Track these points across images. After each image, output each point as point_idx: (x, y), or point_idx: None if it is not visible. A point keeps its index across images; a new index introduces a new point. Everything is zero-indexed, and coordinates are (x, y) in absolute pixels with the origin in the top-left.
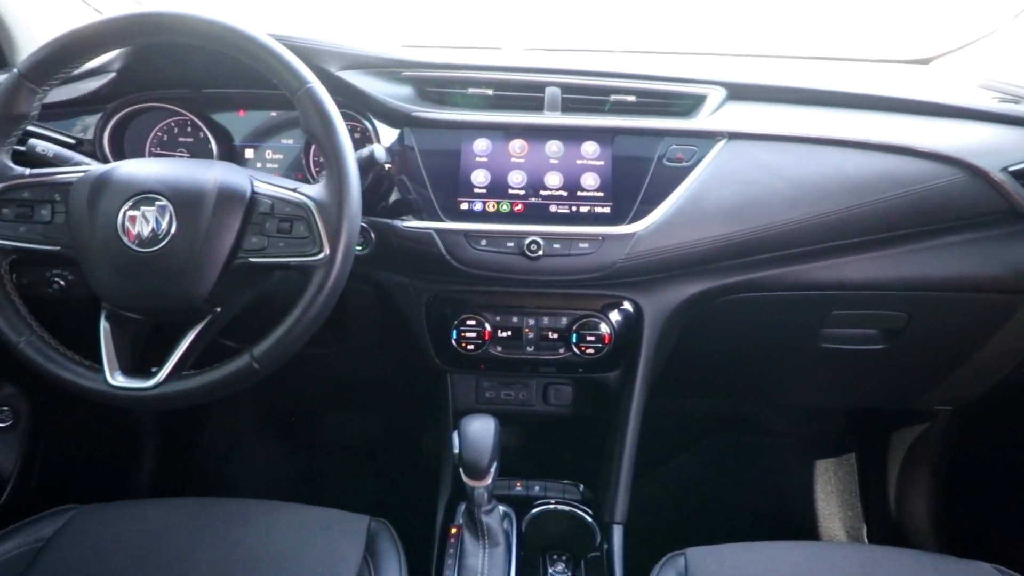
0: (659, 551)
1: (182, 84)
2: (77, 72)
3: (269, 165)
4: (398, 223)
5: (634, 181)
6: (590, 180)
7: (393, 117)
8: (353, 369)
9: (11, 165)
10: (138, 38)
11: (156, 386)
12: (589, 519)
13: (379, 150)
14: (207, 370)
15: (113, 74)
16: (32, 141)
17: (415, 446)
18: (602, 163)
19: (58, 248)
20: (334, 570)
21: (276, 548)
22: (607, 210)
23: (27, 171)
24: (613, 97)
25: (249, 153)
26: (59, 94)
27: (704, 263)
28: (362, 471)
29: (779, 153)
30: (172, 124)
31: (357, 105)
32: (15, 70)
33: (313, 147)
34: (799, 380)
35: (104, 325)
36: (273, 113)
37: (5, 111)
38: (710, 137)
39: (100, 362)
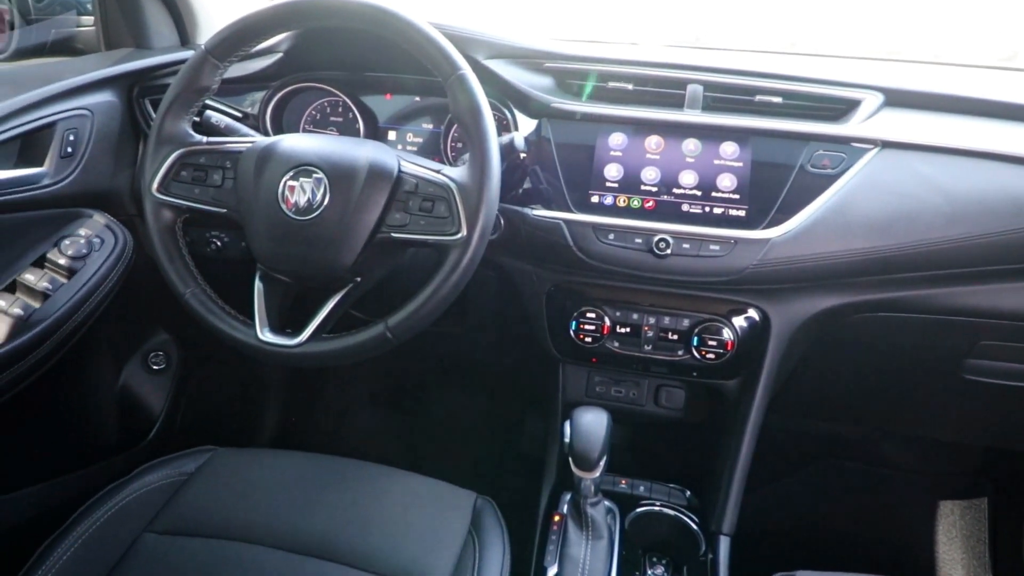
0: (763, 568)
1: (338, 67)
2: (252, 51)
3: (409, 147)
4: (528, 211)
5: (773, 185)
6: (726, 181)
7: (532, 107)
8: (467, 350)
9: (191, 132)
10: (309, 21)
11: (299, 345)
12: (694, 526)
13: (519, 138)
14: (344, 335)
15: (280, 55)
16: (208, 112)
17: (518, 430)
18: (740, 164)
19: (225, 211)
20: (441, 540)
21: (388, 511)
22: (741, 213)
23: (204, 139)
24: (758, 97)
25: (392, 135)
26: (233, 71)
27: (842, 276)
28: (464, 449)
29: (937, 165)
30: (326, 104)
31: (499, 94)
32: (202, 47)
33: (452, 132)
34: (933, 412)
35: (258, 285)
36: (417, 98)
37: (191, 83)
38: (861, 144)
39: (252, 318)
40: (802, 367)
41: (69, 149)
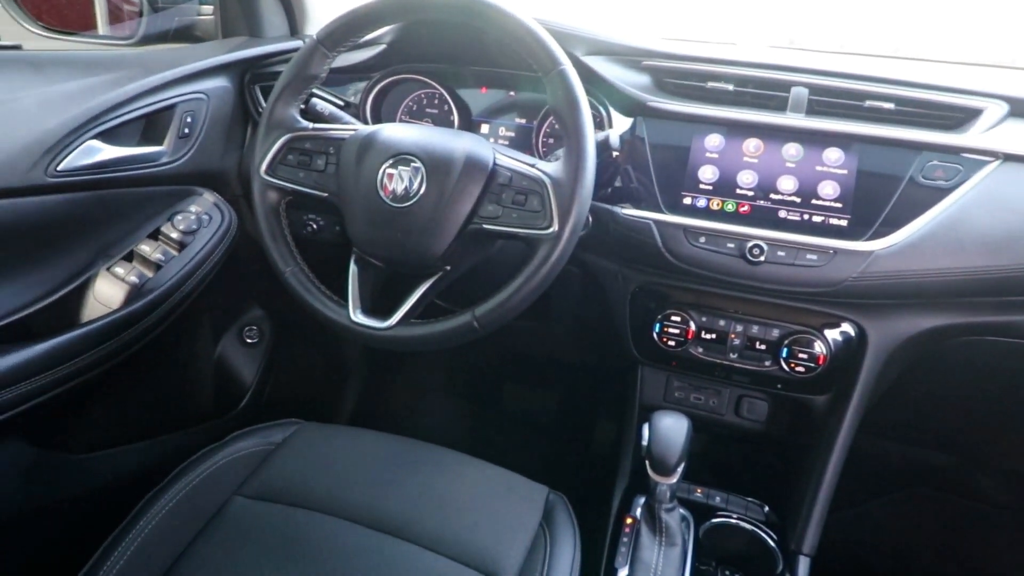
0: None
1: (437, 59)
2: (359, 42)
3: (500, 140)
4: (617, 210)
5: (880, 195)
6: (828, 189)
7: (628, 105)
8: (544, 345)
9: (299, 118)
10: (417, 14)
11: (388, 328)
12: (772, 543)
13: (613, 136)
14: (432, 321)
15: (384, 46)
16: (313, 100)
17: (589, 430)
18: (844, 172)
19: (326, 195)
20: (513, 531)
21: (463, 498)
22: (843, 223)
23: (310, 125)
24: (868, 103)
25: (484, 128)
26: (338, 62)
27: (950, 296)
28: (533, 444)
29: None
30: (423, 95)
31: (595, 90)
32: (314, 37)
33: (544, 127)
34: None
35: (352, 268)
36: (511, 93)
37: (302, 71)
38: (980, 156)
39: (344, 299)
40: (897, 387)
41: (186, 130)
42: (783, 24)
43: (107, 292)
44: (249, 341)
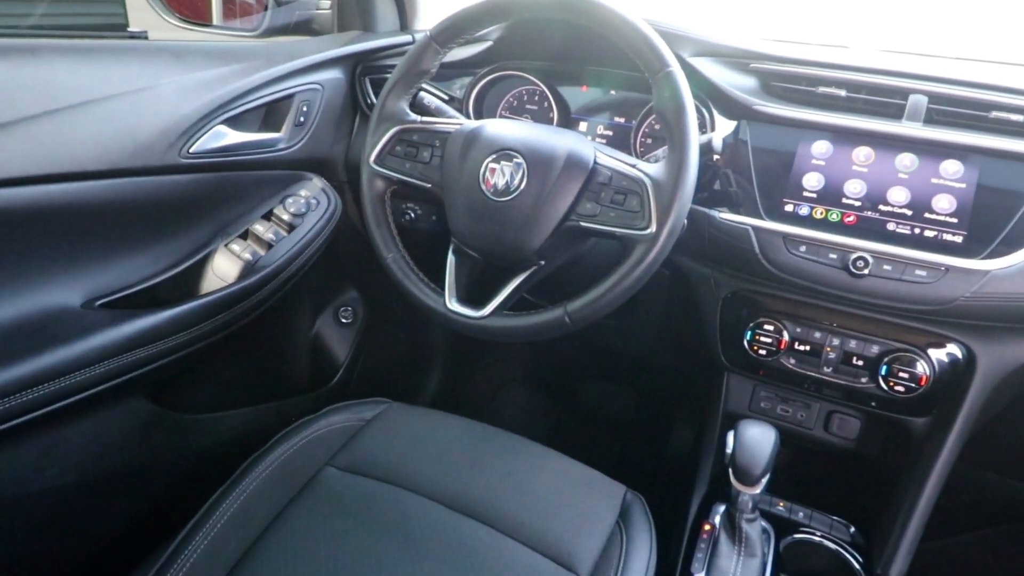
0: None
1: (540, 57)
2: (469, 39)
3: (598, 139)
4: (715, 214)
5: (1001, 212)
6: (943, 203)
7: (733, 108)
8: (627, 345)
9: (408, 111)
10: (528, 12)
11: (482, 318)
12: (857, 565)
13: (716, 139)
14: (524, 314)
15: (490, 43)
16: (421, 94)
17: (666, 433)
18: (963, 186)
19: (429, 186)
20: (590, 525)
21: (541, 488)
22: (958, 239)
23: (418, 118)
24: (994, 114)
25: (582, 126)
26: (446, 57)
27: None
28: (610, 443)
29: None
30: (523, 92)
31: (700, 92)
32: (427, 33)
33: (643, 127)
34: None
35: (451, 258)
36: (612, 92)
37: (414, 66)
38: None
39: (442, 287)
40: (1005, 415)
41: (302, 119)
42: (899, 26)
43: (224, 267)
44: (344, 321)
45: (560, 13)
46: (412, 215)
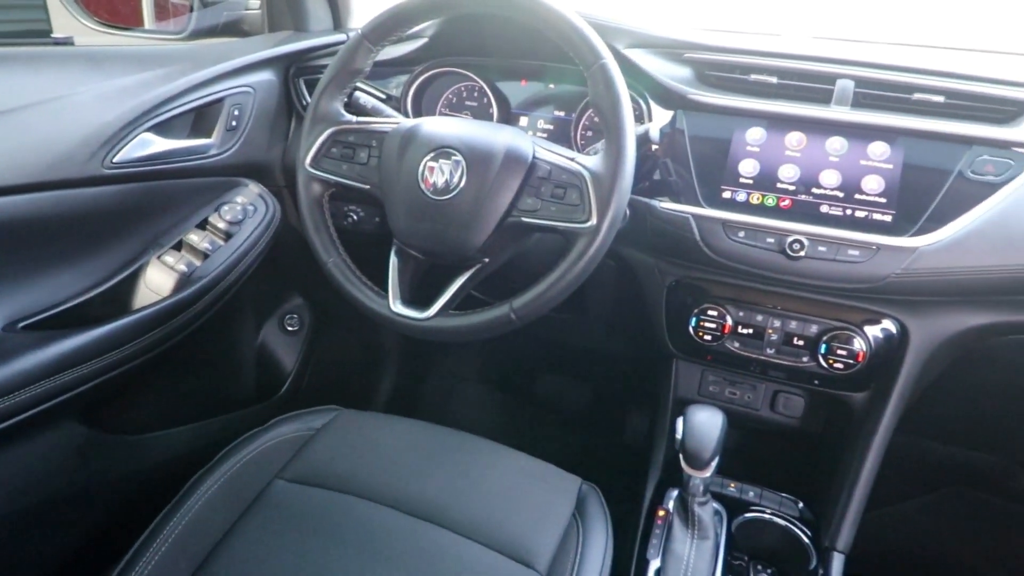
0: None
1: (478, 53)
2: (402, 36)
3: (539, 133)
4: (655, 203)
5: (926, 191)
6: (872, 184)
7: (669, 98)
8: (580, 338)
9: (343, 112)
10: (461, 8)
11: (427, 319)
12: (806, 540)
13: (653, 130)
14: (470, 313)
15: (426, 40)
16: (356, 94)
17: (621, 422)
18: (890, 167)
19: (368, 187)
20: (546, 520)
21: (497, 486)
22: (887, 218)
23: (354, 118)
24: (916, 96)
25: (523, 120)
26: (380, 55)
27: (997, 293)
28: (566, 435)
29: None
30: (462, 88)
31: (636, 83)
32: (359, 32)
33: (583, 120)
34: None
35: (393, 259)
36: (551, 85)
37: (347, 66)
38: None
39: (385, 290)
40: (938, 385)
41: (234, 123)
42: (827, 12)
43: (158, 280)
44: (290, 329)
45: (491, 8)
46: (354, 217)
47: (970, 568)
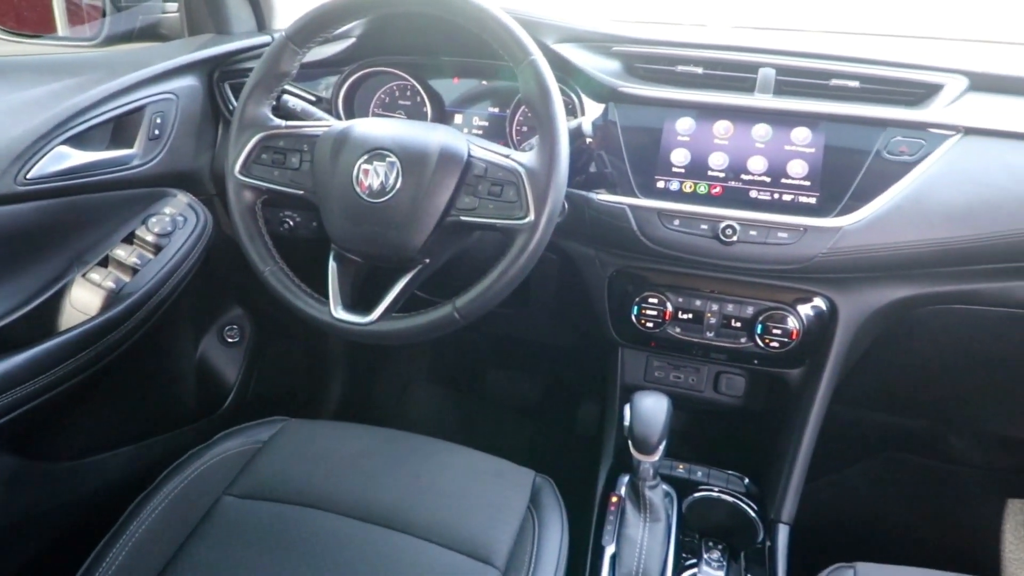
0: (821, 559)
1: (408, 51)
2: (329, 37)
3: (474, 130)
4: (593, 196)
5: (847, 172)
6: (797, 168)
7: (599, 91)
8: (527, 332)
9: (271, 117)
10: (386, 7)
11: (370, 323)
12: (753, 514)
13: (586, 123)
14: (414, 314)
15: (353, 40)
16: (285, 97)
17: (573, 412)
18: (812, 151)
19: (301, 192)
20: (502, 516)
21: (450, 486)
22: (812, 200)
23: (283, 123)
24: (833, 82)
25: (458, 118)
26: (308, 56)
27: (916, 267)
28: (520, 428)
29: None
30: (395, 88)
31: (566, 77)
32: (283, 33)
33: (517, 116)
34: (1006, 408)
35: (332, 264)
36: (483, 82)
37: (272, 69)
38: (943, 131)
39: (325, 296)
40: (869, 357)
41: (156, 132)
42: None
43: (84, 299)
44: (230, 340)
45: (418, 7)
46: (291, 223)
47: (907, 527)
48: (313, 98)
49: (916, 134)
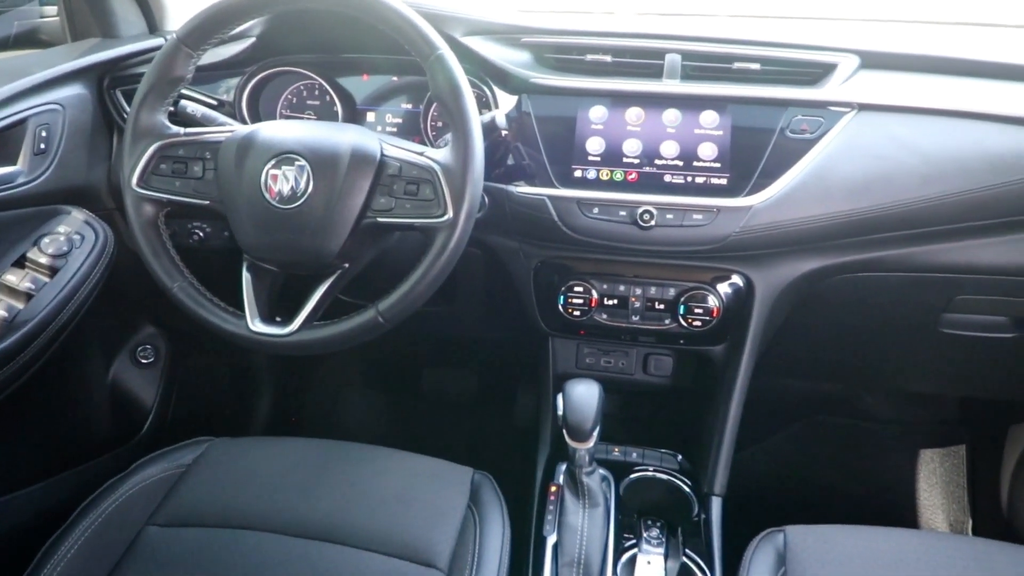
0: (755, 526)
1: (313, 50)
2: (225, 37)
3: (388, 128)
4: (512, 189)
5: (754, 152)
6: (707, 150)
7: (511, 83)
8: (457, 328)
9: (168, 124)
10: (283, 5)
11: (291, 334)
12: (687, 489)
13: (499, 116)
14: (336, 321)
15: (253, 39)
16: (183, 102)
17: (510, 405)
18: (720, 133)
19: (207, 202)
20: (442, 517)
21: (388, 491)
22: (723, 182)
23: (182, 130)
24: (736, 65)
25: (370, 116)
26: (205, 58)
27: (823, 239)
28: (458, 426)
29: (914, 126)
30: (302, 87)
31: (477, 71)
32: (175, 35)
33: (431, 111)
34: (912, 366)
35: (245, 275)
36: (394, 78)
37: (165, 74)
38: (839, 108)
39: (241, 309)
40: (786, 329)
41: (42, 145)
42: None
43: None
44: (144, 361)
45: (316, 4)
46: (200, 234)
47: (832, 486)
48: (214, 102)
49: (815, 112)
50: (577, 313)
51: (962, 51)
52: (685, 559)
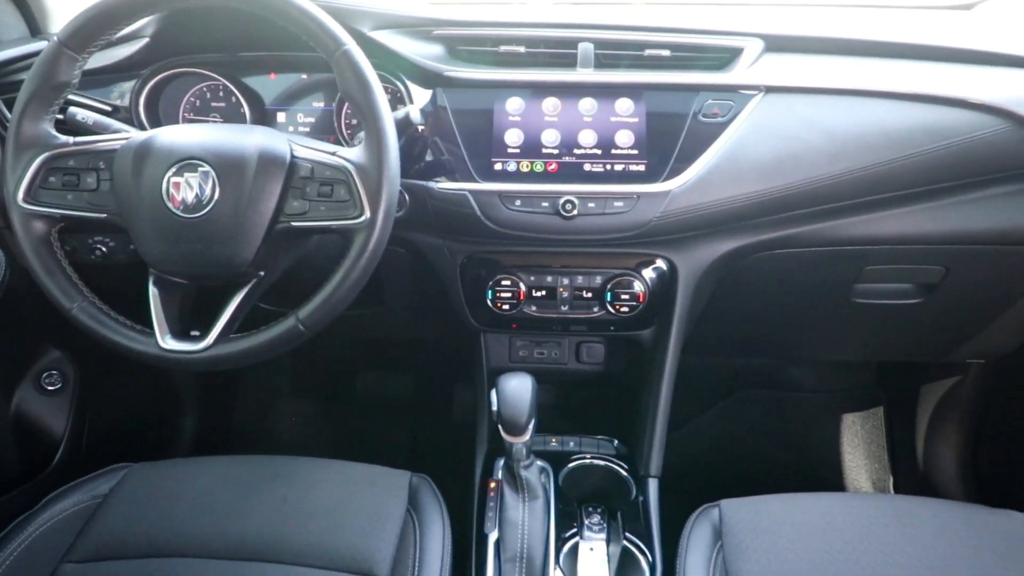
0: (692, 503)
1: (214, 49)
2: (114, 38)
3: (300, 128)
4: (432, 185)
5: (669, 138)
6: (624, 138)
7: (425, 77)
8: (387, 329)
9: (55, 134)
10: (175, 2)
11: (206, 349)
12: (624, 473)
13: (414, 112)
14: (254, 333)
15: (147, 39)
16: (72, 109)
17: (447, 403)
18: (636, 120)
19: (105, 215)
20: (380, 524)
21: (323, 503)
22: (642, 168)
23: (71, 139)
24: (647, 52)
25: (281, 116)
26: (95, 61)
27: (739, 220)
28: (396, 428)
29: (818, 106)
30: (205, 89)
31: (389, 66)
32: (55, 38)
33: (345, 109)
34: (830, 336)
35: (152, 290)
36: (304, 76)
37: (47, 80)
38: (747, 91)
39: (150, 326)
40: (710, 309)
41: None
42: None
43: None
44: (50, 388)
45: (208, 1)
46: (103, 249)
47: (762, 455)
48: (108, 108)
49: (725, 96)
50: (506, 307)
51: (860, 32)
52: (626, 542)
